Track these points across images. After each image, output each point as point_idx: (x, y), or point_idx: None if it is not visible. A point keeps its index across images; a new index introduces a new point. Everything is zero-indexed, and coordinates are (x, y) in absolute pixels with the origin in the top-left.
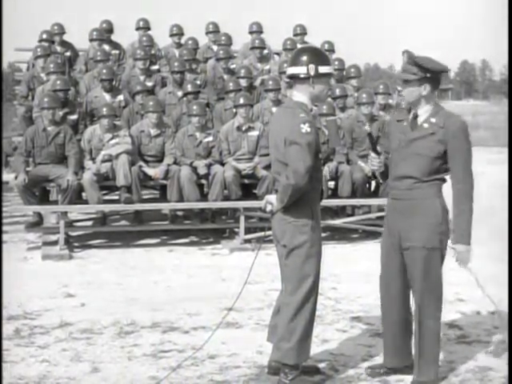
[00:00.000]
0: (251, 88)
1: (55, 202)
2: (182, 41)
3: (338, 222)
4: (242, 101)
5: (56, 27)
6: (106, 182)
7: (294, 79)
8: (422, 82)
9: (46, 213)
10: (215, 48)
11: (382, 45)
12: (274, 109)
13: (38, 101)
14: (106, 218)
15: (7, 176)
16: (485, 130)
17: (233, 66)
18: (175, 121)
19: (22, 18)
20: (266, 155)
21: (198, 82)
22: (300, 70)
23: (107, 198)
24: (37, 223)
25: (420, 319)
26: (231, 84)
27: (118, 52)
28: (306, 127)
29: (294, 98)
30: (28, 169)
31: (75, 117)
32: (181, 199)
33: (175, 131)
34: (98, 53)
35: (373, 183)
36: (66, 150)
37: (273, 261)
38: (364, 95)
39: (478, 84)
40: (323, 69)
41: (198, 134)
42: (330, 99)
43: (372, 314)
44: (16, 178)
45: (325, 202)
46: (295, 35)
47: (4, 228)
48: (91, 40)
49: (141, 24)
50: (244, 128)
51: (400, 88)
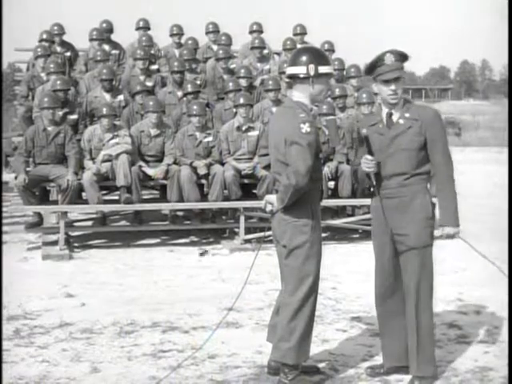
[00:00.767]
0: (251, 88)
1: (55, 202)
2: (182, 41)
3: (337, 221)
4: (241, 101)
5: (56, 27)
6: (105, 182)
7: (293, 79)
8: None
9: (46, 213)
10: (215, 48)
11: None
12: (274, 109)
13: (38, 101)
14: (106, 218)
15: (7, 176)
16: (485, 130)
17: (233, 66)
18: (175, 121)
19: (22, 18)
20: (266, 155)
21: (198, 81)
22: (300, 70)
23: (107, 197)
24: (37, 223)
25: (417, 316)
26: (231, 84)
27: (117, 52)
28: (306, 127)
29: (293, 98)
30: (28, 169)
31: (75, 117)
32: (181, 199)
33: (175, 131)
34: (98, 53)
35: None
36: (65, 150)
37: (273, 261)
38: (364, 95)
39: (478, 84)
40: (323, 69)
41: (197, 133)
42: (329, 99)
43: (372, 314)
44: (16, 178)
45: (325, 202)
46: (295, 35)
47: (4, 228)
48: (91, 40)
49: (141, 24)
50: (244, 128)
51: (394, 87)
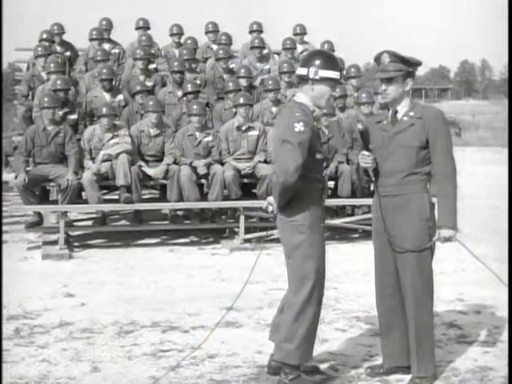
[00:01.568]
0: (251, 88)
1: (55, 202)
2: (182, 40)
3: (337, 221)
4: (241, 101)
5: (56, 27)
6: (105, 182)
7: (300, 79)
8: (404, 78)
9: (46, 212)
10: (215, 47)
11: (382, 44)
12: (274, 109)
13: (38, 100)
14: (106, 218)
15: (7, 176)
16: (485, 130)
17: (232, 66)
18: (175, 121)
19: (22, 18)
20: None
21: (198, 81)
22: (302, 71)
23: (107, 197)
24: (37, 223)
25: (416, 316)
26: (231, 84)
27: (117, 51)
28: (299, 126)
29: (296, 99)
30: (28, 168)
31: (75, 116)
32: (181, 199)
33: (175, 131)
34: (98, 52)
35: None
36: (65, 150)
37: (273, 261)
38: (364, 95)
39: (478, 84)
40: (324, 73)
41: (197, 133)
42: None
43: (372, 314)
44: (16, 177)
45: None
46: (295, 35)
47: (4, 228)
48: (91, 39)
49: (140, 24)
50: (244, 128)
51: (384, 87)
